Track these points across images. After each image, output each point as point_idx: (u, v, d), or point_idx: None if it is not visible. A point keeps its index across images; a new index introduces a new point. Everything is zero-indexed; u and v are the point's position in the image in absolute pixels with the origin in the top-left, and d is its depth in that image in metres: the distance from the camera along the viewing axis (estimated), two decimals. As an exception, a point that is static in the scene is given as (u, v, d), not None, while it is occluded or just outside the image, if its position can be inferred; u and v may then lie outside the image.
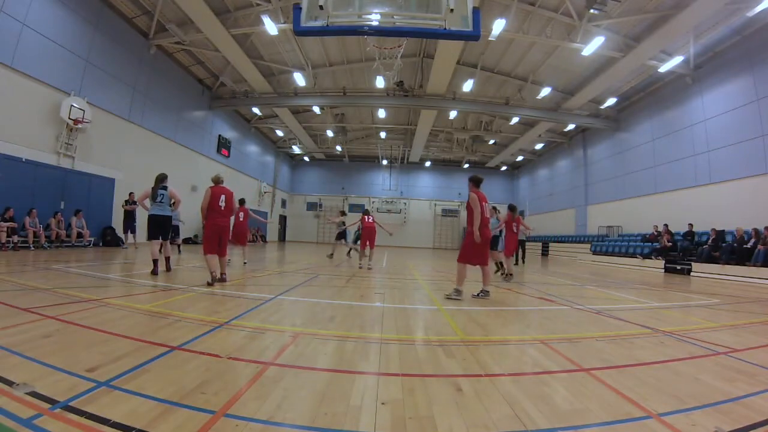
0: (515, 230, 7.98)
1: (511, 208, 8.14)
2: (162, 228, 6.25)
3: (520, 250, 12.78)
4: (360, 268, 8.96)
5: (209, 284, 5.06)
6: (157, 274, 5.87)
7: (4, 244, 8.66)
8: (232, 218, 5.91)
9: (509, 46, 15.15)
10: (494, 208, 8.14)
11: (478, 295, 5.14)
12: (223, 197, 5.38)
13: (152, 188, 6.21)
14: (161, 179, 6.26)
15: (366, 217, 9.50)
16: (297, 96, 18.58)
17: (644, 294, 6.72)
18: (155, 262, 6.03)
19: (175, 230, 10.02)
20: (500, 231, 8.31)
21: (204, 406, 1.64)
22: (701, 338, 3.33)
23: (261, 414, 1.61)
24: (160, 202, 6.18)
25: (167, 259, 6.44)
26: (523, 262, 13.09)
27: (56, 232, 10.20)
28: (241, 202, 8.72)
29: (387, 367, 2.30)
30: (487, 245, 5.22)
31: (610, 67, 14.09)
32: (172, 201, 6.53)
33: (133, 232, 11.53)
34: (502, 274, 8.06)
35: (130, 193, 11.78)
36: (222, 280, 5.38)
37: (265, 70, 16.99)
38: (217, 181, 5.56)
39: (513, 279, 7.73)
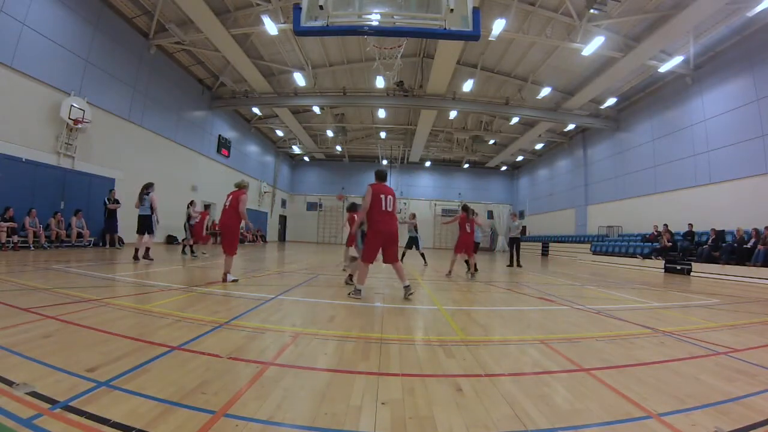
0: (468, 230, 7.95)
1: (464, 208, 8.09)
2: (142, 224, 8.01)
3: (515, 250, 11.91)
4: (344, 270, 7.60)
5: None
6: (138, 259, 7.58)
7: (4, 244, 8.67)
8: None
9: (509, 46, 15.15)
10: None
11: (406, 296, 4.77)
12: (229, 198, 5.79)
13: (138, 193, 8.08)
14: (146, 186, 8.18)
15: (355, 215, 7.71)
16: (297, 96, 18.58)
17: (644, 294, 6.71)
18: (137, 250, 7.84)
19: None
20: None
21: (204, 406, 1.64)
22: (701, 338, 3.33)
23: (261, 414, 1.61)
24: (144, 205, 8.03)
25: (147, 249, 7.92)
26: (519, 264, 11.73)
27: (56, 232, 10.20)
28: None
29: (387, 367, 2.30)
30: (381, 240, 4.75)
31: (610, 67, 14.09)
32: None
33: (116, 231, 11.15)
34: (449, 273, 8.13)
35: (111, 191, 11.25)
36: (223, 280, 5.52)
37: (265, 70, 16.98)
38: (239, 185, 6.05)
39: (476, 277, 7.83)
